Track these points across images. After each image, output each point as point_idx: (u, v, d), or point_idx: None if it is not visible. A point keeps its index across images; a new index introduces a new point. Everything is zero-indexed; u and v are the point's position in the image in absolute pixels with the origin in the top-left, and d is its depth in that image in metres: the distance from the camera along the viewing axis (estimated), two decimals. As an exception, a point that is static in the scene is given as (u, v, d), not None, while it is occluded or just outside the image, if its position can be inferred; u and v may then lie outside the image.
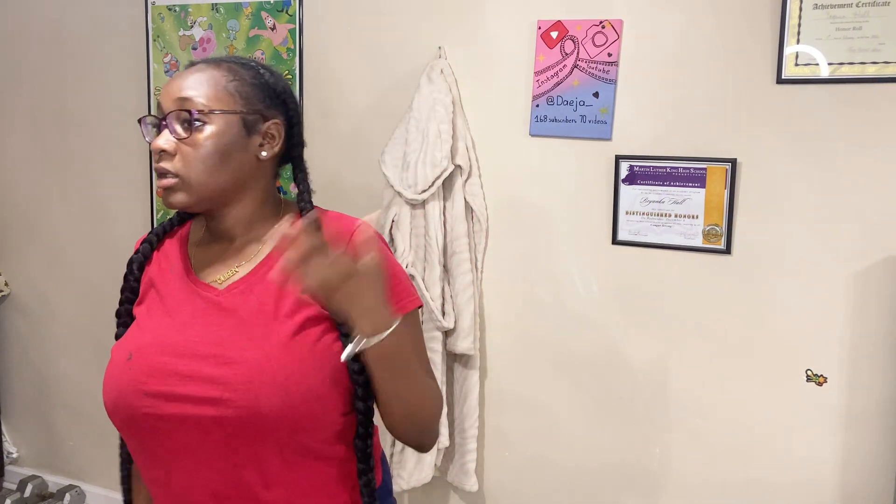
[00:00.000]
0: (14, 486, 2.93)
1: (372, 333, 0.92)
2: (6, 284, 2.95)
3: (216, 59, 1.09)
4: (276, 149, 1.10)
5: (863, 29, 1.75)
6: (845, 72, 1.78)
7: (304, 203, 1.13)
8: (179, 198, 1.03)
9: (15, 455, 3.03)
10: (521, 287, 2.15)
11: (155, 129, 1.06)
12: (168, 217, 1.27)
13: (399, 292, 1.06)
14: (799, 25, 1.81)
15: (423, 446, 1.11)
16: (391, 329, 0.93)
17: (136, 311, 1.11)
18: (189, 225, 1.18)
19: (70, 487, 2.86)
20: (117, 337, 1.11)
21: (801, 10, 1.80)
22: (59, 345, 2.90)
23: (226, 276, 1.07)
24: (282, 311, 1.02)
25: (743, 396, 1.95)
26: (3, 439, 3.00)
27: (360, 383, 1.02)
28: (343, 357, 0.94)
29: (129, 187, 2.69)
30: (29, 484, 2.88)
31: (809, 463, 1.90)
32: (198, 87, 1.03)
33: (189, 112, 1.02)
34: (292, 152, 1.16)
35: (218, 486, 1.00)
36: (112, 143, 2.70)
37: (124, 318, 1.12)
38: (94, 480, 2.92)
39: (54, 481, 2.95)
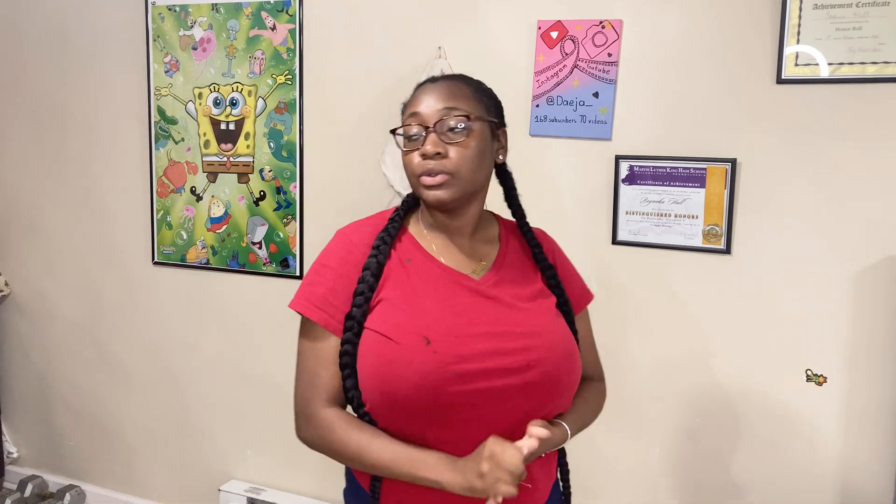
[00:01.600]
0: (14, 486, 2.93)
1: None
2: (6, 284, 2.95)
3: (450, 76, 1.22)
4: (507, 152, 1.26)
5: (863, 29, 1.75)
6: (845, 72, 1.78)
7: (513, 199, 1.31)
8: (449, 193, 1.14)
9: (15, 455, 3.03)
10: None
11: (408, 139, 1.16)
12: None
13: (585, 286, 1.36)
14: (799, 25, 1.81)
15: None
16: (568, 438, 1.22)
17: (382, 296, 1.16)
18: (404, 226, 1.25)
19: (70, 487, 2.86)
20: (351, 341, 1.13)
21: (801, 10, 1.80)
22: (59, 345, 2.90)
23: (475, 268, 1.20)
24: (534, 297, 1.20)
25: (743, 396, 1.95)
26: (3, 439, 3.00)
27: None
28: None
29: (129, 187, 2.69)
30: (29, 484, 2.88)
31: (809, 463, 1.90)
32: (456, 97, 1.16)
33: (466, 117, 1.14)
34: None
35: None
36: (112, 143, 2.70)
37: (358, 320, 1.14)
38: (94, 480, 2.92)
39: (54, 481, 2.95)
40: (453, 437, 1.11)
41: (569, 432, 1.20)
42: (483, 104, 1.19)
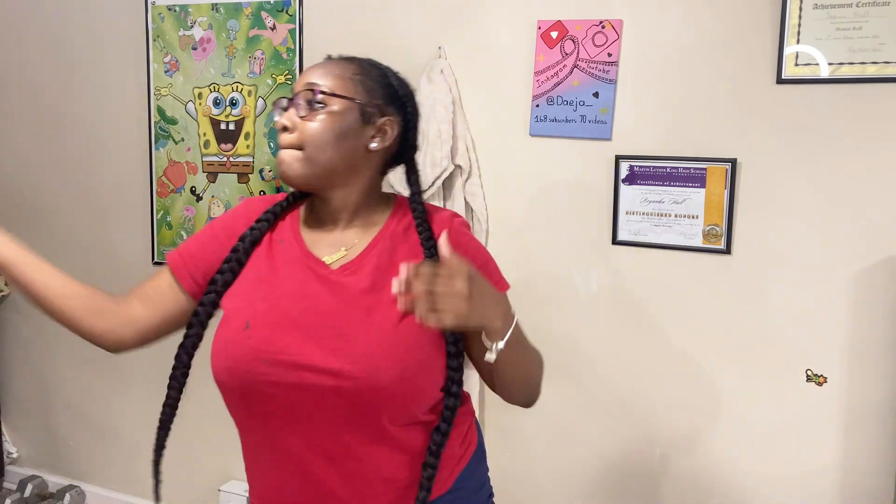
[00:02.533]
0: (14, 486, 2.93)
1: (504, 328, 1.01)
2: (6, 284, 2.95)
3: (351, 56, 1.19)
4: (387, 143, 1.17)
5: (863, 29, 1.75)
6: (845, 72, 1.78)
7: (415, 203, 1.19)
8: (299, 170, 1.11)
9: (15, 455, 3.03)
10: (522, 287, 2.15)
11: (283, 111, 1.16)
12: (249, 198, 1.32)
13: (498, 275, 1.21)
14: (799, 25, 1.81)
15: (531, 402, 1.19)
16: (515, 321, 1.03)
17: (242, 276, 1.17)
18: (299, 207, 1.24)
19: (70, 487, 2.86)
20: (204, 304, 1.15)
21: (801, 10, 1.80)
22: (59, 345, 2.90)
23: (336, 256, 1.14)
24: (390, 292, 1.06)
25: (743, 396, 1.95)
26: (3, 439, 3.00)
27: (454, 368, 1.11)
28: (491, 358, 1.01)
29: (129, 187, 2.69)
30: (29, 484, 2.88)
31: (809, 463, 1.90)
32: (326, 75, 1.14)
33: (312, 92, 1.12)
34: (406, 154, 1.23)
35: (328, 446, 1.08)
36: (112, 143, 2.70)
37: (219, 287, 1.15)
38: (94, 480, 2.92)
39: (54, 481, 2.95)
40: (268, 431, 1.10)
41: (510, 328, 1.02)
42: (364, 87, 1.14)
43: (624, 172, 2.00)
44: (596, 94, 2.01)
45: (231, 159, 2.51)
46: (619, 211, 2.01)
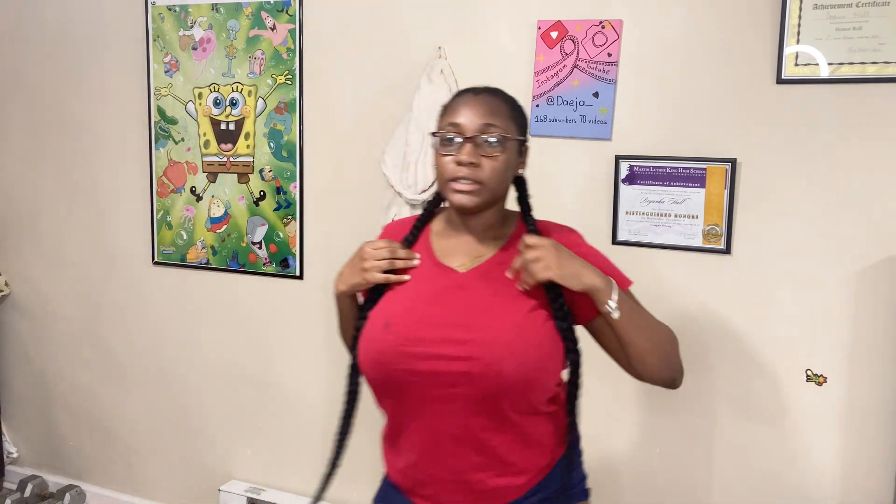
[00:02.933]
0: (14, 486, 2.93)
1: (607, 288, 1.22)
2: (6, 284, 2.95)
3: (496, 90, 1.34)
4: (526, 167, 1.38)
5: (863, 29, 1.76)
6: (845, 72, 1.78)
7: (523, 203, 1.40)
8: (474, 199, 1.26)
9: (15, 455, 3.03)
10: (521, 287, 2.15)
11: (444, 144, 1.28)
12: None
13: (619, 274, 1.35)
14: (799, 25, 1.81)
15: (675, 380, 1.34)
16: (615, 285, 1.24)
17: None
18: (430, 224, 1.41)
19: (70, 487, 2.86)
20: (364, 310, 1.34)
21: (801, 10, 1.80)
22: (59, 345, 2.90)
23: (467, 263, 1.31)
24: (513, 295, 1.26)
25: (743, 396, 1.95)
26: (3, 439, 3.00)
27: (573, 361, 1.29)
28: (614, 315, 1.24)
29: (129, 187, 2.69)
30: (29, 484, 2.88)
31: (809, 463, 1.90)
32: (495, 115, 1.28)
33: (503, 136, 1.27)
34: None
35: (457, 430, 1.24)
36: (112, 143, 2.70)
37: (374, 296, 1.33)
38: (94, 480, 2.92)
39: (54, 481, 2.95)
40: (406, 415, 1.28)
41: (614, 286, 1.24)
42: (516, 123, 1.31)
43: (624, 172, 2.00)
44: (596, 94, 2.01)
45: (231, 159, 2.51)
46: (619, 211, 2.01)
